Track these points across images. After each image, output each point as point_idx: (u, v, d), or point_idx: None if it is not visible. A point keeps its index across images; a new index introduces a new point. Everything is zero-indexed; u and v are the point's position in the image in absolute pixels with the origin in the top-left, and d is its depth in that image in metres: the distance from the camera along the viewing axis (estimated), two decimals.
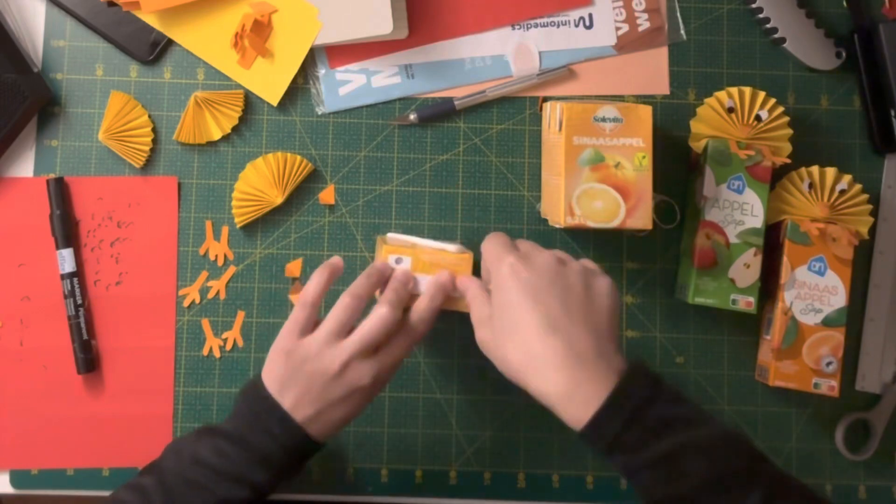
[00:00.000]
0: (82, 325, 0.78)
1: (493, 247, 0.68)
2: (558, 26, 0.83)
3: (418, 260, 0.70)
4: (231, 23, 0.80)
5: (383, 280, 0.70)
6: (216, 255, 0.80)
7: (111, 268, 0.79)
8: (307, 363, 0.66)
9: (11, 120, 0.78)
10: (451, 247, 0.72)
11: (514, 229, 0.81)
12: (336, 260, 0.71)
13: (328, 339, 0.66)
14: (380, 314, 0.67)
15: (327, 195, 0.81)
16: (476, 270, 0.73)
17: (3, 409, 0.78)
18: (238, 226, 0.80)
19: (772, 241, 0.78)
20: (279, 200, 0.80)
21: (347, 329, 0.67)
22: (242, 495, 0.65)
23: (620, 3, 0.83)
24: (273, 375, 0.67)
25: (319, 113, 0.82)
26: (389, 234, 0.78)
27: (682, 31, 0.83)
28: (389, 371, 0.68)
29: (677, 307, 0.81)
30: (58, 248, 0.78)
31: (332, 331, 0.66)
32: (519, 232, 0.81)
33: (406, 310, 0.70)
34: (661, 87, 0.83)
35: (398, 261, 0.70)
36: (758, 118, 0.79)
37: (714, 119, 0.79)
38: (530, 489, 0.80)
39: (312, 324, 0.68)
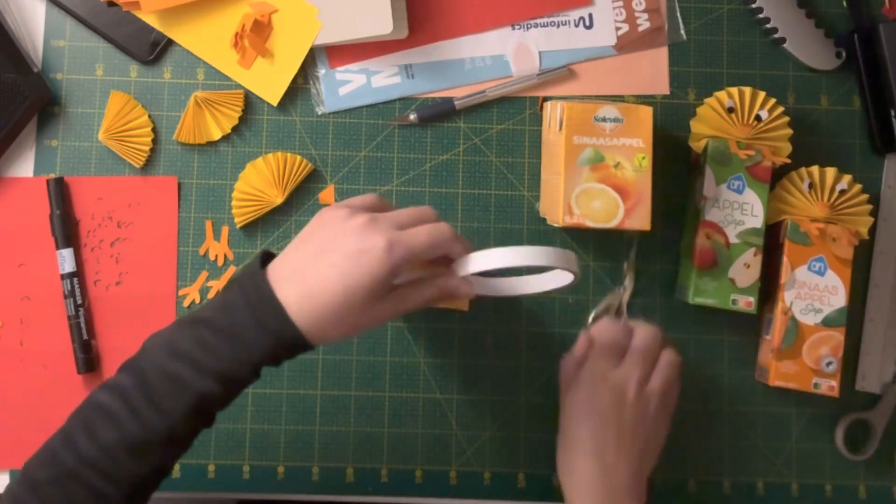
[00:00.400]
0: (82, 325, 0.78)
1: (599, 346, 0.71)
2: (558, 26, 0.83)
3: None
4: (231, 23, 0.80)
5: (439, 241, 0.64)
6: (216, 255, 0.80)
7: (111, 268, 0.80)
8: (333, 221, 0.62)
9: (11, 120, 0.78)
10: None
11: (513, 229, 0.81)
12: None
13: (365, 205, 0.65)
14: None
15: (327, 195, 0.81)
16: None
17: (3, 409, 0.78)
18: (238, 226, 0.80)
19: (772, 241, 0.78)
20: (279, 200, 0.80)
21: (376, 207, 0.65)
22: (221, 390, 0.60)
23: (620, 3, 0.83)
24: (291, 245, 0.63)
25: (319, 113, 0.82)
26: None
27: (682, 31, 0.83)
28: (409, 249, 0.60)
29: (677, 307, 0.81)
30: (58, 248, 0.78)
31: (371, 202, 0.66)
32: (519, 232, 0.81)
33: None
34: (661, 87, 0.83)
35: None
36: (758, 118, 0.79)
37: (714, 119, 0.79)
38: (530, 489, 0.79)
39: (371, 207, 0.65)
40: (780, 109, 0.79)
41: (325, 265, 0.60)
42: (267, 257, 0.64)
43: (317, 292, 0.60)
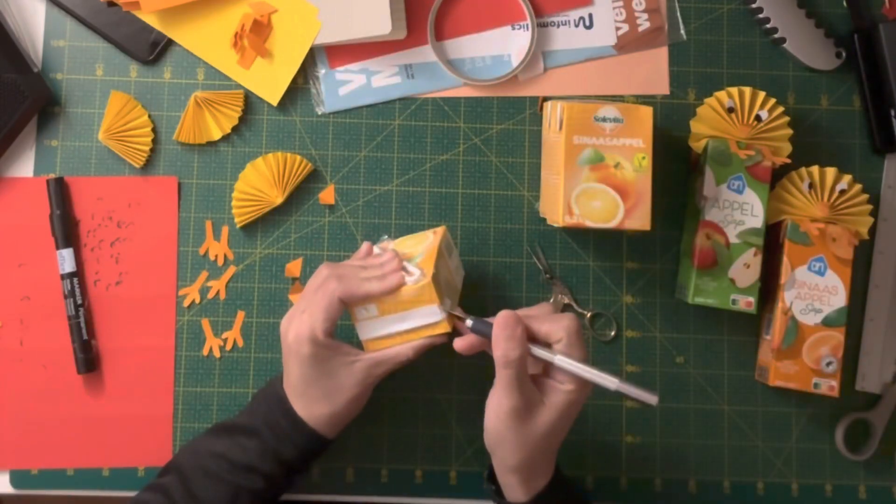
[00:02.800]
0: (82, 325, 0.78)
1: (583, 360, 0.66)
2: (558, 26, 0.83)
3: (382, 301, 0.67)
4: (231, 23, 0.80)
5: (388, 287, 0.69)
6: (216, 255, 0.80)
7: (111, 268, 0.80)
8: (283, 325, 0.69)
9: (11, 120, 0.78)
10: (425, 234, 0.73)
11: (513, 229, 0.81)
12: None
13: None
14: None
15: (327, 195, 0.81)
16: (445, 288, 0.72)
17: (3, 409, 0.78)
18: (238, 226, 0.80)
19: (772, 241, 0.78)
20: (279, 200, 0.80)
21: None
22: (257, 484, 0.67)
23: (620, 3, 0.83)
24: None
25: (319, 113, 0.82)
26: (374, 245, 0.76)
27: (682, 31, 0.83)
28: (309, 330, 0.66)
29: (677, 307, 0.81)
30: (58, 248, 0.78)
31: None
32: (519, 232, 0.81)
33: None
34: (661, 87, 0.83)
35: (366, 310, 0.68)
36: (758, 118, 0.79)
37: (714, 119, 0.79)
38: None
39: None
40: (780, 109, 0.79)
41: (287, 371, 0.69)
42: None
43: (299, 394, 0.68)
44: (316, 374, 0.67)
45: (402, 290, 0.67)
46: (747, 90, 0.79)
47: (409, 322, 0.68)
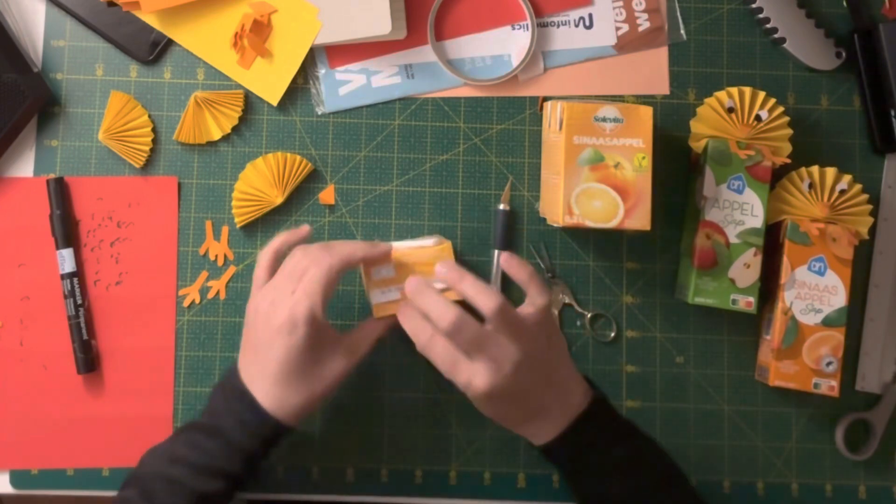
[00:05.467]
0: (82, 325, 0.78)
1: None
2: (558, 26, 0.83)
3: (400, 263, 0.70)
4: (231, 23, 0.80)
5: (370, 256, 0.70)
6: (216, 255, 0.80)
7: (111, 268, 0.79)
8: (249, 315, 0.69)
9: (11, 120, 0.78)
10: (428, 241, 0.73)
11: (513, 229, 0.81)
12: (304, 228, 0.72)
13: (262, 285, 0.69)
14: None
15: (327, 195, 0.81)
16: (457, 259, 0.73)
17: (3, 409, 0.78)
18: (238, 226, 0.80)
19: (772, 241, 0.78)
20: (279, 200, 0.80)
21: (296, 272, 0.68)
22: (219, 487, 0.65)
23: (620, 3, 0.83)
24: (242, 346, 0.69)
25: (319, 113, 0.82)
26: None
27: (682, 31, 0.83)
28: (309, 303, 0.65)
29: (677, 307, 0.81)
30: (58, 248, 0.78)
31: (263, 277, 0.69)
32: (519, 232, 0.81)
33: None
34: (661, 87, 0.83)
35: (381, 271, 0.70)
36: (758, 118, 0.79)
37: (714, 119, 0.79)
38: (530, 489, 0.79)
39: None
40: (780, 109, 0.79)
41: (264, 357, 0.66)
42: (232, 366, 0.70)
43: (273, 380, 0.66)
44: (304, 359, 0.65)
45: (422, 252, 0.70)
46: (747, 90, 0.79)
47: None
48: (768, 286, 0.78)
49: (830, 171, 0.79)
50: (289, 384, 0.66)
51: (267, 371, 0.66)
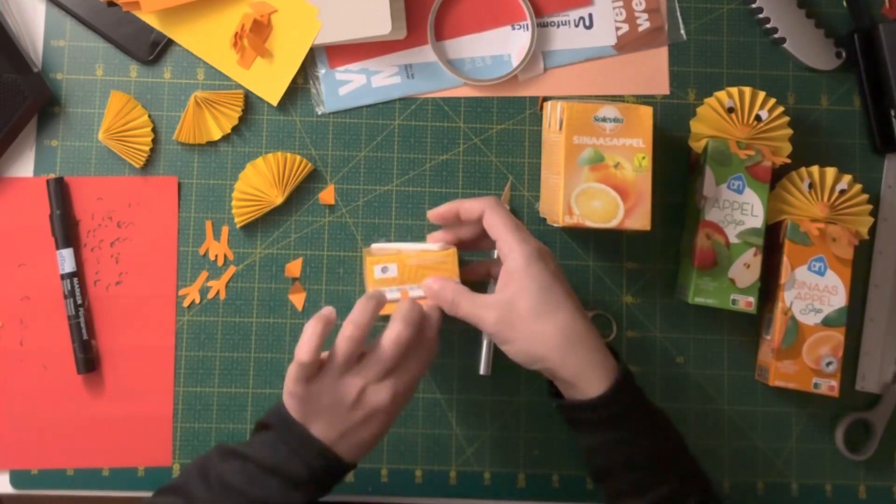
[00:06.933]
0: (82, 325, 0.78)
1: (505, 223, 0.68)
2: (558, 26, 0.83)
3: (404, 265, 0.70)
4: (231, 23, 0.80)
5: (382, 304, 0.68)
6: (216, 255, 0.80)
7: (111, 268, 0.79)
8: (323, 397, 0.64)
9: (11, 120, 0.78)
10: (433, 245, 0.73)
11: None
12: (328, 311, 0.66)
13: (339, 372, 0.65)
14: (392, 333, 0.65)
15: (327, 195, 0.81)
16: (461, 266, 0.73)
17: (3, 409, 0.78)
18: (238, 226, 0.80)
19: (772, 241, 0.78)
20: (279, 200, 0.80)
21: (354, 358, 0.65)
22: None
23: (620, 3, 0.83)
24: (294, 411, 0.65)
25: (319, 113, 0.82)
26: (374, 245, 0.78)
27: (682, 31, 0.83)
28: (407, 388, 0.66)
29: (677, 307, 0.81)
30: (58, 248, 0.78)
31: (340, 365, 0.65)
32: None
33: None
34: (661, 87, 0.83)
35: (384, 269, 0.70)
36: (758, 118, 0.79)
37: (714, 119, 0.79)
38: (530, 489, 0.80)
39: (315, 371, 0.65)
40: (780, 109, 0.79)
41: (353, 431, 0.65)
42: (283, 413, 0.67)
43: (353, 443, 0.66)
44: (392, 421, 0.67)
45: (427, 255, 0.70)
46: (747, 90, 0.79)
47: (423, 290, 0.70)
48: (768, 286, 0.78)
49: (830, 171, 0.79)
50: (376, 443, 0.67)
51: (353, 439, 0.65)
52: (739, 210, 0.76)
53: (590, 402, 0.64)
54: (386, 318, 0.80)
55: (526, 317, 0.65)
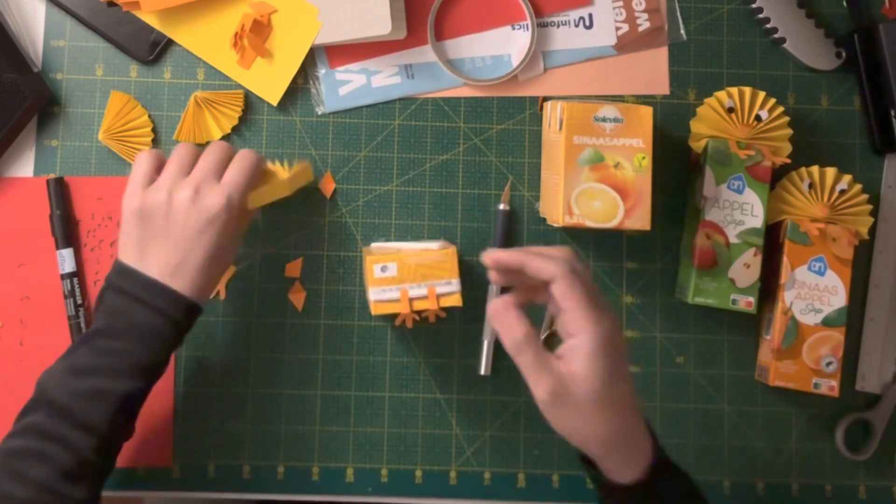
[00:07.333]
0: (82, 325, 0.78)
1: (580, 299, 0.59)
2: (558, 26, 0.83)
3: (404, 264, 0.70)
4: (231, 23, 0.80)
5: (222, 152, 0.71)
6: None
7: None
8: (159, 207, 0.66)
9: (11, 120, 0.78)
10: (433, 244, 0.73)
11: (513, 229, 0.81)
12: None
13: (175, 178, 0.67)
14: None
15: (327, 185, 0.81)
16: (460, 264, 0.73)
17: (3, 409, 0.78)
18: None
19: (772, 241, 0.78)
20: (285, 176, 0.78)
21: (190, 168, 0.68)
22: (141, 385, 0.65)
23: (620, 3, 0.83)
24: (131, 245, 0.67)
25: (319, 113, 0.82)
26: (374, 245, 0.78)
27: (682, 31, 0.83)
28: (240, 192, 0.68)
29: (677, 307, 0.81)
30: (58, 248, 0.78)
31: (175, 170, 0.68)
32: (519, 232, 0.81)
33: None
34: (661, 87, 0.83)
35: (384, 269, 0.70)
36: (758, 118, 0.79)
37: (714, 119, 0.79)
38: (530, 489, 0.80)
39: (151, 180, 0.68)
40: (780, 109, 0.79)
41: (187, 248, 0.66)
42: (120, 266, 0.68)
43: (200, 272, 0.66)
44: (230, 246, 0.68)
45: (426, 254, 0.70)
46: (747, 90, 0.79)
47: (424, 289, 0.70)
48: (768, 286, 0.78)
49: (830, 171, 0.79)
50: (210, 270, 0.67)
51: (191, 261, 0.66)
52: (739, 210, 0.76)
53: (625, 485, 0.62)
54: (385, 319, 0.80)
55: (581, 406, 0.59)
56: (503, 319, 0.60)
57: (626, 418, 0.61)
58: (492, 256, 0.63)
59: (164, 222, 0.66)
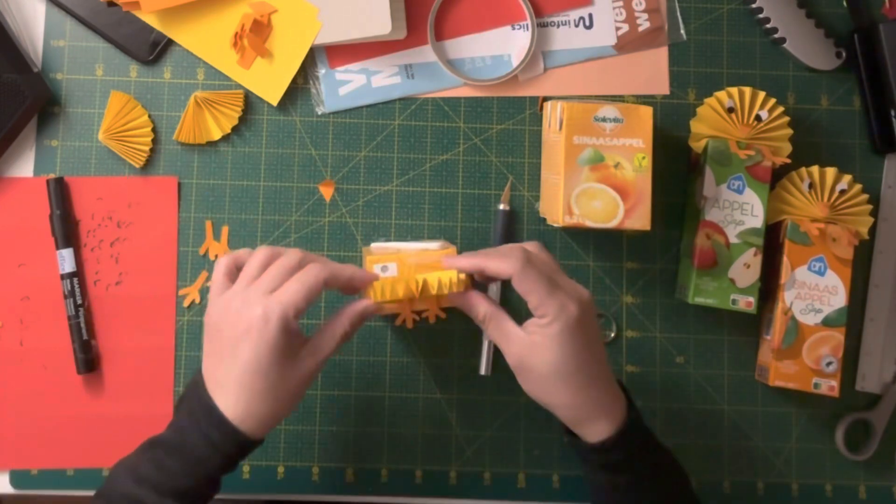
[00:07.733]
0: (82, 325, 0.78)
1: (538, 289, 0.64)
2: (558, 26, 0.83)
3: (404, 264, 0.70)
4: (231, 23, 0.80)
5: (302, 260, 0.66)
6: (216, 255, 0.80)
7: (111, 268, 0.79)
8: (217, 318, 0.63)
9: (11, 120, 0.78)
10: (433, 244, 0.73)
11: (513, 229, 0.81)
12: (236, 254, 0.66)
13: (239, 288, 0.64)
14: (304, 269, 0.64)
15: (327, 189, 0.81)
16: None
17: (3, 409, 0.78)
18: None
19: (772, 241, 0.78)
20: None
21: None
22: None
23: (620, 3, 0.83)
24: (204, 356, 0.65)
25: (319, 113, 0.82)
26: (374, 245, 0.78)
27: (682, 31, 0.83)
28: (286, 308, 0.61)
29: (677, 307, 0.81)
30: (58, 248, 0.78)
31: (244, 282, 0.64)
32: (519, 232, 0.81)
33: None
34: (661, 87, 0.83)
35: (384, 268, 0.70)
36: (758, 118, 0.79)
37: (714, 119, 0.79)
38: (530, 489, 0.80)
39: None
40: (780, 109, 0.79)
41: (230, 361, 0.62)
42: (195, 376, 0.66)
43: (240, 387, 0.62)
44: (272, 363, 0.61)
45: (426, 254, 0.70)
46: (747, 90, 0.79)
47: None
48: (768, 286, 0.78)
49: (830, 171, 0.79)
50: (256, 390, 0.62)
51: (233, 375, 0.62)
52: (739, 210, 0.76)
53: (593, 445, 0.65)
54: (385, 319, 0.80)
55: (546, 373, 0.65)
56: (466, 301, 0.68)
57: (594, 390, 0.65)
58: (452, 264, 0.68)
59: (217, 333, 0.64)
